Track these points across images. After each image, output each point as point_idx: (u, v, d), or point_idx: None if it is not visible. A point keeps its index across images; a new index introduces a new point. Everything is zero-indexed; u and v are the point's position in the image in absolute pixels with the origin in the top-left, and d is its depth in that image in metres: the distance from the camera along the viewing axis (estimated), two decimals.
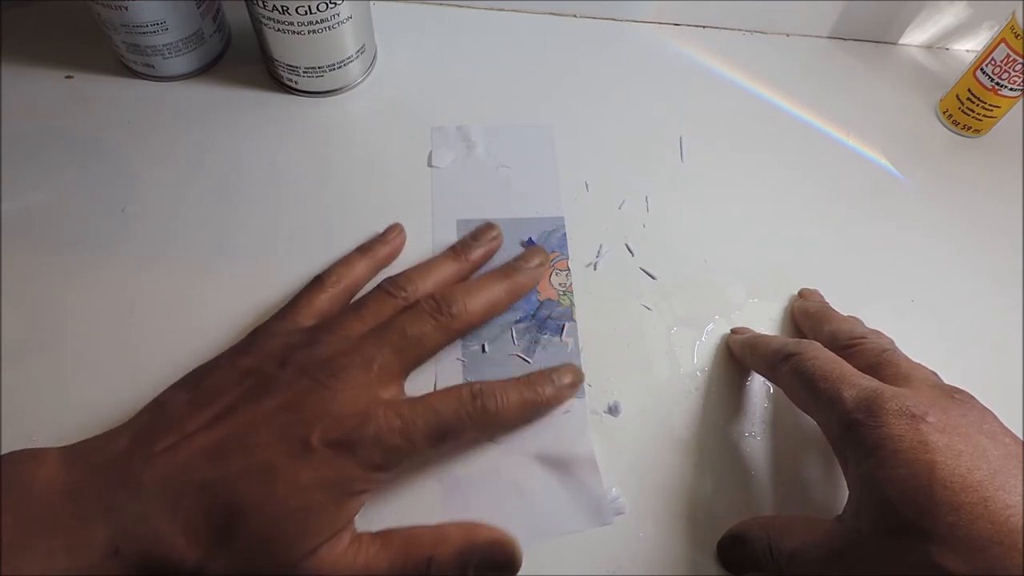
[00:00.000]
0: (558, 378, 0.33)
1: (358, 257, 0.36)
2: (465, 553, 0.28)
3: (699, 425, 0.35)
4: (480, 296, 0.34)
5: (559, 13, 0.50)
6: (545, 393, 0.33)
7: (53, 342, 0.34)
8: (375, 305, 0.33)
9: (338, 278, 0.35)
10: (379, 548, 0.28)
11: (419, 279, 0.34)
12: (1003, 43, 0.43)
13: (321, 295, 0.34)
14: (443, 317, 0.32)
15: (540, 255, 0.37)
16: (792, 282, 0.40)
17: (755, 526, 0.31)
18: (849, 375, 0.29)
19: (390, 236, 0.38)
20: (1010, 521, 0.24)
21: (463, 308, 0.33)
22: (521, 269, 0.36)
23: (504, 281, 0.35)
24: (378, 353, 0.30)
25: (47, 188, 0.38)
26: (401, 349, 0.31)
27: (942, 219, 0.44)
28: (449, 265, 0.36)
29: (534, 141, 0.43)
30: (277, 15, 0.38)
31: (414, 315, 0.32)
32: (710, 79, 0.48)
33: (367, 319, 0.32)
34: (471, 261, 0.37)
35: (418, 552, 0.28)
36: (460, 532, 0.29)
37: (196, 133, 0.41)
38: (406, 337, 0.31)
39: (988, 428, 0.27)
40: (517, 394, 0.32)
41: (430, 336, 0.32)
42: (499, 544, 0.29)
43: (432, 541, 0.28)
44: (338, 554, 0.27)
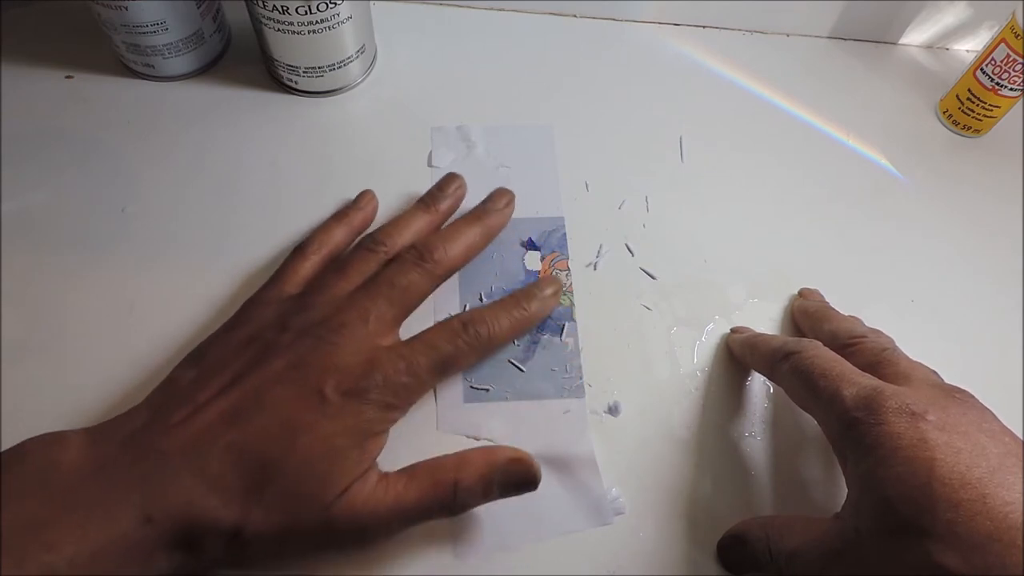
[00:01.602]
0: (540, 291, 0.35)
1: (335, 223, 0.37)
2: (487, 474, 0.29)
3: (699, 425, 0.35)
4: (458, 241, 0.36)
5: (559, 13, 0.50)
6: (531, 308, 0.34)
7: (53, 342, 0.34)
8: (359, 263, 0.34)
9: (319, 245, 0.36)
10: (406, 481, 0.29)
11: (396, 233, 0.36)
12: (1003, 43, 0.43)
13: (304, 263, 0.35)
14: (427, 264, 0.34)
15: (506, 195, 0.39)
16: (792, 282, 0.40)
17: (755, 526, 0.31)
18: (849, 374, 0.29)
19: (363, 202, 0.39)
20: (1009, 518, 0.24)
21: (444, 253, 0.34)
22: (491, 211, 0.38)
23: (477, 224, 0.37)
24: (372, 305, 0.32)
25: (47, 188, 0.38)
26: (392, 299, 0.32)
27: (942, 219, 0.44)
28: (421, 217, 0.37)
29: (534, 141, 0.43)
30: (277, 15, 0.38)
31: (399, 266, 0.33)
32: (710, 79, 0.48)
33: (353, 277, 0.33)
34: (441, 211, 0.38)
35: (444, 479, 0.29)
36: (480, 455, 0.30)
37: (196, 133, 0.41)
38: (395, 287, 0.32)
39: (987, 426, 0.27)
40: (506, 315, 0.33)
41: (417, 283, 0.33)
42: (518, 462, 0.30)
43: (455, 466, 0.29)
44: (368, 492, 0.28)
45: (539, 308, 0.35)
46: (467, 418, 0.34)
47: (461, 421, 0.34)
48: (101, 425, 0.28)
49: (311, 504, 0.27)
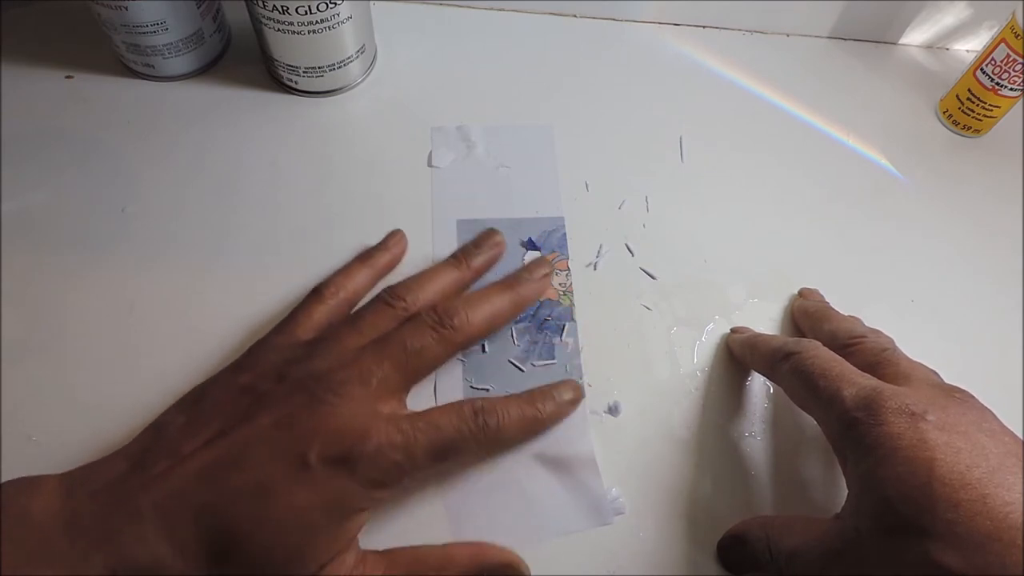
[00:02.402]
0: (558, 395, 0.33)
1: (358, 266, 0.35)
2: None
3: (699, 425, 0.35)
4: (483, 308, 0.33)
5: (559, 13, 0.50)
6: (546, 410, 0.32)
7: (53, 342, 0.34)
8: (374, 317, 0.32)
9: (337, 289, 0.34)
10: (384, 568, 0.27)
11: (419, 289, 0.33)
12: (1003, 43, 0.43)
13: (320, 307, 0.33)
14: (445, 330, 0.31)
15: (545, 267, 0.37)
16: (792, 282, 0.40)
17: (755, 526, 0.31)
18: (849, 374, 0.29)
19: (390, 243, 0.37)
20: (1009, 518, 0.24)
21: (465, 320, 0.32)
22: (525, 281, 0.35)
23: (507, 293, 0.34)
24: (377, 367, 0.29)
25: (47, 188, 0.38)
26: (401, 363, 0.30)
27: (942, 219, 0.44)
28: (450, 273, 0.35)
29: (534, 141, 0.43)
30: (277, 15, 0.38)
31: (414, 327, 0.31)
32: (710, 79, 0.48)
33: (366, 332, 0.31)
34: (473, 269, 0.36)
35: (424, 575, 0.28)
36: (468, 554, 0.28)
37: (196, 133, 0.41)
38: (406, 350, 0.30)
39: (987, 426, 0.27)
40: (519, 411, 0.31)
41: (431, 349, 0.31)
42: (507, 567, 0.29)
43: (438, 563, 0.28)
44: (343, 574, 0.26)
45: (554, 411, 0.33)
46: None
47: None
48: (79, 470, 0.27)
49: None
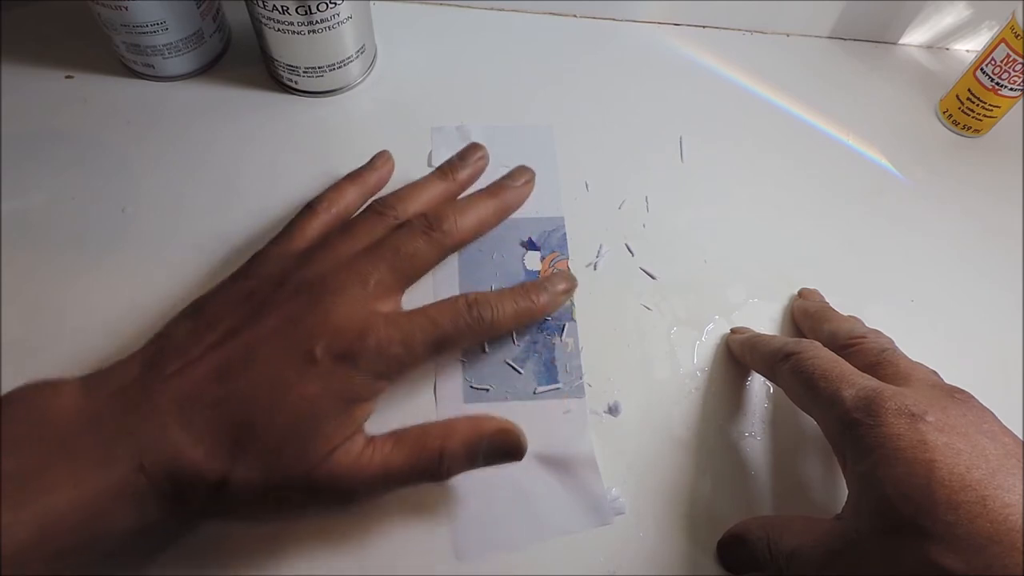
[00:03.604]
0: (551, 285, 0.35)
1: (348, 184, 0.36)
2: (473, 442, 0.29)
3: (699, 425, 0.35)
4: (469, 213, 0.35)
5: (559, 13, 0.50)
6: (540, 300, 0.34)
7: (53, 342, 0.34)
8: (367, 225, 0.33)
9: (329, 204, 0.35)
10: (393, 446, 0.29)
11: (409, 199, 0.35)
12: (1003, 43, 0.43)
13: (314, 221, 0.34)
14: (435, 233, 0.33)
15: (527, 173, 0.39)
16: (792, 282, 0.40)
17: (755, 526, 0.31)
18: (849, 374, 0.29)
19: (378, 163, 0.38)
20: (1009, 520, 0.24)
21: (454, 225, 0.34)
22: (508, 187, 0.38)
23: (492, 199, 0.36)
24: (374, 269, 0.31)
25: (47, 188, 0.38)
26: (396, 265, 0.31)
27: (942, 219, 0.44)
28: (437, 185, 0.37)
29: (534, 141, 0.43)
30: (277, 15, 0.38)
31: (407, 232, 0.33)
32: (710, 79, 0.48)
33: (360, 238, 0.33)
34: (459, 181, 0.37)
35: (430, 445, 0.29)
36: (467, 424, 0.30)
37: (196, 133, 0.41)
38: (399, 253, 0.32)
39: (987, 427, 0.27)
40: (512, 303, 0.33)
41: (423, 252, 0.32)
42: (504, 432, 0.30)
43: (442, 434, 0.29)
44: (354, 455, 0.28)
45: (548, 301, 0.34)
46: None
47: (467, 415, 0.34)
48: (94, 374, 0.28)
49: (294, 464, 0.27)
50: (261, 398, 0.27)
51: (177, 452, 0.26)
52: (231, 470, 0.26)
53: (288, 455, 0.27)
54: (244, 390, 0.27)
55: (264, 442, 0.27)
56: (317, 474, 0.27)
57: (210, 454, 0.26)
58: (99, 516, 0.25)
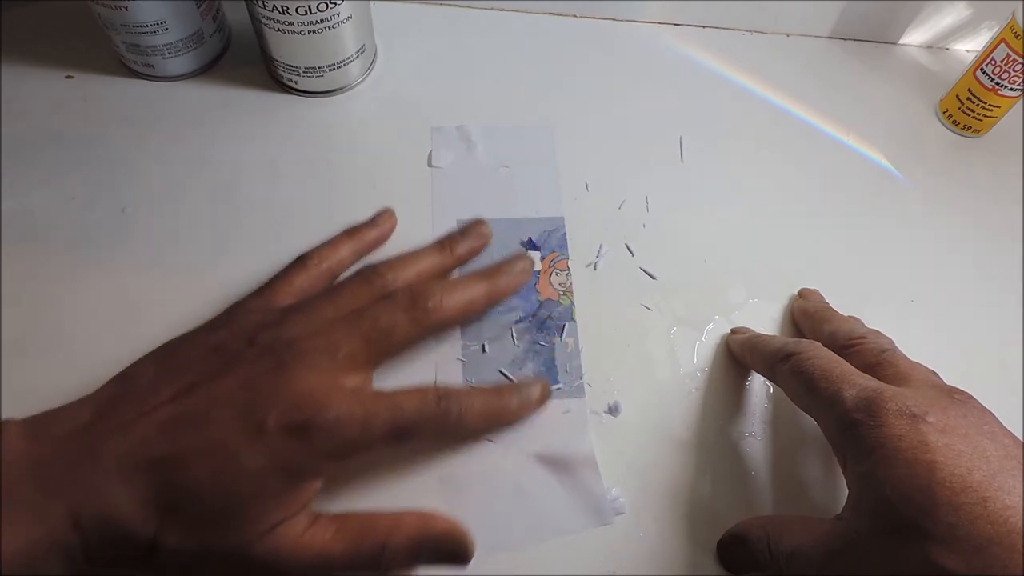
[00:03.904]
0: (526, 392, 0.33)
1: (344, 239, 0.36)
2: (418, 542, 0.28)
3: (699, 425, 0.35)
4: (458, 294, 0.33)
5: (559, 13, 0.50)
6: (511, 405, 0.32)
7: (53, 342, 0.34)
8: (351, 291, 0.32)
9: (320, 259, 0.34)
10: (335, 532, 0.28)
11: (400, 268, 0.34)
12: (1003, 43, 0.43)
13: (301, 275, 0.33)
14: (417, 311, 0.31)
15: (525, 261, 0.37)
16: (792, 282, 0.40)
17: (755, 526, 0.31)
18: (849, 375, 0.29)
19: (379, 220, 0.37)
20: (1009, 521, 0.24)
21: (439, 304, 0.32)
22: (504, 272, 0.35)
23: (484, 282, 0.34)
24: (346, 340, 0.29)
25: (47, 188, 0.38)
26: (370, 338, 0.30)
27: (942, 219, 0.44)
28: (432, 257, 0.35)
29: (534, 141, 0.43)
30: (277, 15, 0.38)
31: (388, 305, 0.31)
32: (710, 79, 0.48)
33: (341, 304, 0.31)
34: (455, 256, 0.36)
35: (373, 539, 0.28)
36: (415, 521, 0.29)
37: (196, 133, 0.41)
38: (377, 327, 0.30)
39: (988, 428, 0.27)
40: (482, 402, 0.31)
41: (402, 328, 0.31)
42: (451, 535, 0.29)
43: (387, 529, 0.28)
44: (294, 536, 0.27)
45: (519, 406, 0.33)
46: None
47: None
48: (44, 415, 0.27)
49: (228, 537, 0.26)
50: (204, 464, 0.26)
51: (112, 512, 0.25)
52: (163, 534, 0.25)
53: (223, 527, 0.26)
54: (189, 453, 0.26)
55: (199, 510, 0.26)
56: (253, 551, 0.26)
57: (145, 516, 0.25)
58: (28, 567, 0.24)
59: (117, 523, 0.25)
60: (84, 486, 0.25)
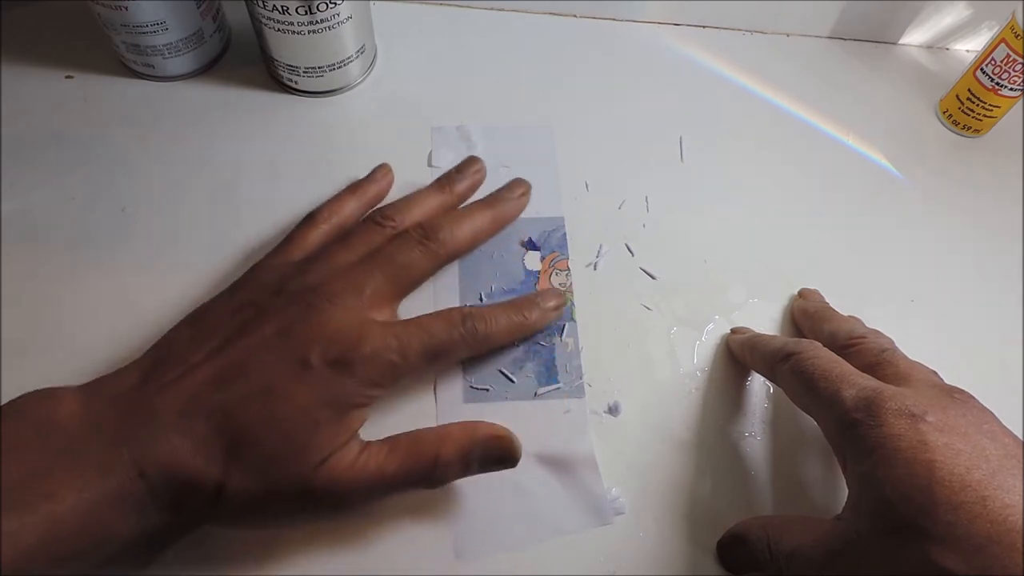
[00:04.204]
0: (543, 301, 0.35)
1: (348, 195, 0.37)
2: (467, 449, 0.29)
3: (699, 425, 0.35)
4: (465, 224, 0.35)
5: (559, 13, 0.50)
6: (531, 316, 0.34)
7: (53, 342, 0.34)
8: (364, 235, 0.34)
9: (329, 214, 0.36)
10: (387, 453, 0.29)
11: (406, 210, 0.35)
12: (1003, 43, 0.43)
13: (313, 231, 0.35)
14: (431, 243, 0.34)
15: (523, 185, 0.39)
16: (792, 282, 0.40)
17: (755, 526, 0.31)
18: (849, 375, 0.29)
19: (378, 176, 0.39)
20: (1009, 521, 0.24)
21: (450, 235, 0.34)
22: (505, 199, 0.38)
23: (489, 210, 0.37)
24: (369, 278, 0.31)
25: (47, 188, 0.38)
26: (391, 275, 0.32)
27: (942, 219, 0.44)
28: (435, 197, 0.37)
29: (534, 141, 0.43)
30: (277, 15, 0.38)
31: (403, 242, 0.33)
32: (710, 79, 0.48)
33: (357, 248, 0.33)
34: (456, 193, 0.38)
35: (424, 451, 0.29)
36: (461, 430, 0.30)
37: (196, 133, 0.41)
38: (395, 263, 0.32)
39: (987, 428, 0.27)
40: (505, 317, 0.33)
41: (419, 262, 0.33)
42: (498, 439, 0.30)
43: (436, 440, 0.30)
44: (349, 462, 0.28)
45: (539, 318, 0.35)
46: (467, 418, 0.34)
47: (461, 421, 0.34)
48: (94, 382, 0.28)
49: (289, 471, 0.27)
50: (256, 406, 0.27)
51: (175, 459, 0.26)
52: (228, 477, 0.26)
53: (283, 462, 0.27)
54: (240, 398, 0.27)
55: (260, 450, 0.27)
56: (312, 481, 0.27)
57: (207, 461, 0.26)
58: (100, 522, 0.25)
59: (181, 470, 0.26)
60: (145, 438, 0.26)
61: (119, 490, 0.25)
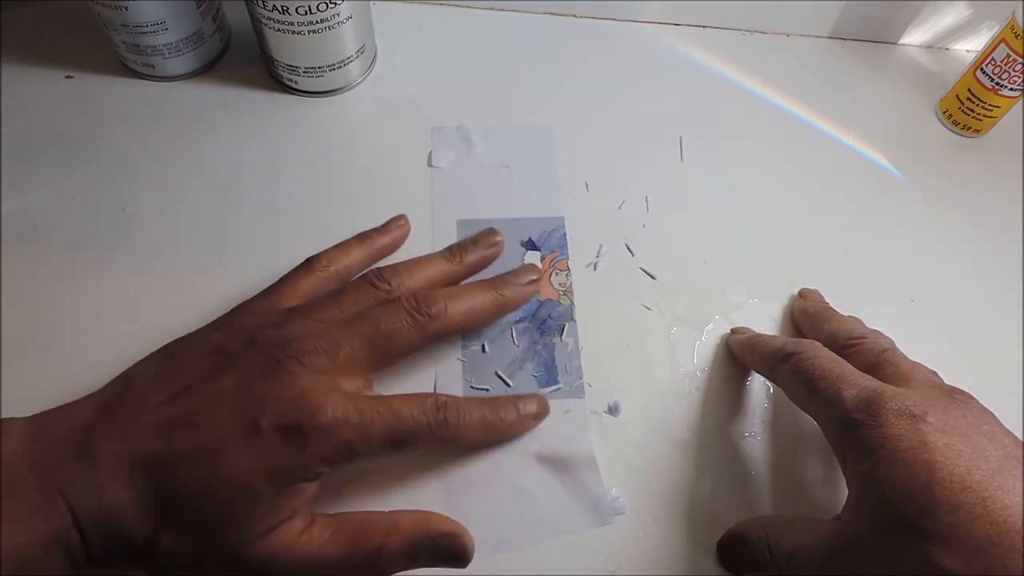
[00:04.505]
0: (523, 406, 0.33)
1: (355, 244, 0.36)
2: (416, 543, 0.28)
3: (699, 425, 0.35)
4: (463, 302, 0.32)
5: (559, 13, 0.50)
6: (507, 418, 0.32)
7: (53, 342, 0.34)
8: (356, 294, 0.32)
9: (328, 262, 0.34)
10: (331, 534, 0.27)
11: (406, 274, 0.33)
12: (1003, 43, 0.43)
13: (308, 278, 0.33)
14: (421, 317, 0.31)
15: (533, 272, 0.36)
16: (792, 282, 0.40)
17: (755, 526, 0.31)
18: (849, 375, 0.29)
19: (392, 227, 0.37)
20: (1008, 521, 0.24)
21: (443, 311, 0.31)
22: (510, 284, 0.35)
23: (490, 292, 0.34)
24: (346, 342, 0.29)
25: (47, 188, 0.38)
26: (372, 341, 0.29)
27: (942, 219, 0.44)
28: (441, 264, 0.35)
29: (534, 141, 0.43)
30: (277, 15, 0.38)
31: (391, 309, 0.31)
32: (710, 79, 0.48)
33: (345, 307, 0.31)
34: (464, 264, 0.36)
35: (369, 541, 0.27)
36: (412, 521, 0.28)
37: (196, 133, 0.41)
38: (379, 330, 0.30)
39: (987, 428, 0.27)
40: (480, 414, 0.31)
41: (404, 333, 0.30)
42: (450, 536, 0.28)
43: (384, 529, 0.28)
44: (289, 540, 0.26)
45: (514, 421, 0.33)
46: None
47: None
48: (46, 413, 0.27)
49: (221, 543, 0.26)
50: (198, 465, 0.26)
51: (110, 511, 0.25)
52: (159, 536, 0.25)
53: (216, 530, 0.26)
54: (183, 454, 0.26)
55: (194, 513, 0.26)
56: (247, 554, 0.26)
57: (141, 517, 0.25)
58: (30, 566, 0.24)
59: (115, 522, 0.25)
60: (83, 485, 0.25)
61: (52, 536, 0.24)
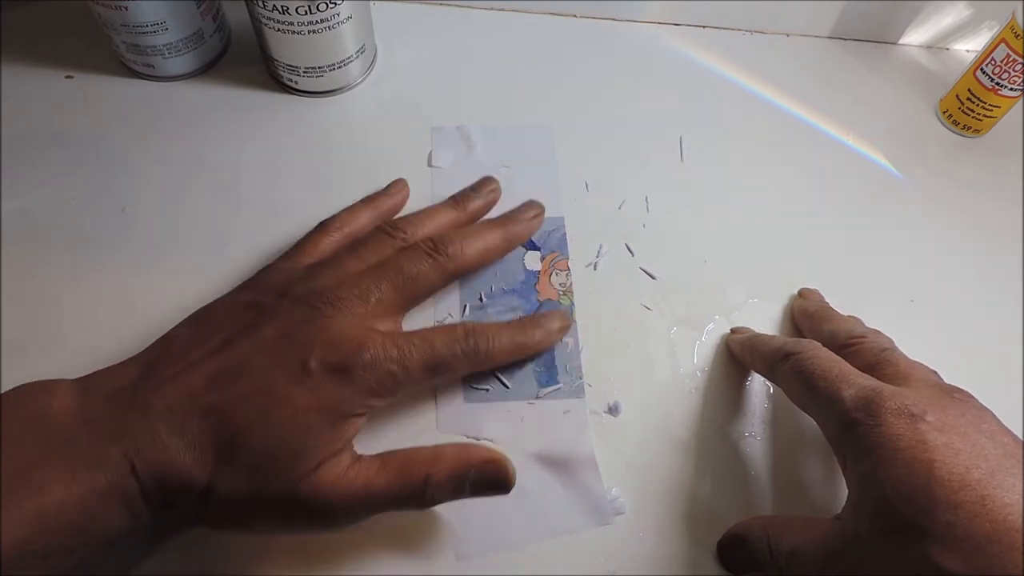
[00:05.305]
0: (547, 323, 0.35)
1: (362, 206, 0.37)
2: (460, 472, 0.29)
3: (699, 425, 0.35)
4: (476, 241, 0.35)
5: (559, 13, 0.50)
6: (535, 337, 0.34)
7: (53, 342, 0.34)
8: (374, 244, 0.34)
9: (341, 224, 0.36)
10: (378, 468, 0.29)
11: (418, 223, 0.35)
12: (1003, 43, 0.43)
13: (324, 239, 0.35)
14: (440, 257, 0.33)
15: (536, 207, 0.39)
16: (792, 282, 0.40)
17: (755, 526, 0.31)
18: (848, 374, 0.29)
19: (393, 190, 0.39)
20: (1008, 520, 0.24)
21: (459, 250, 0.34)
22: (517, 220, 0.38)
23: (500, 229, 0.37)
24: (375, 287, 0.31)
25: (47, 188, 0.38)
26: (398, 285, 0.32)
27: (942, 219, 0.44)
28: (448, 213, 0.37)
29: (534, 141, 0.43)
30: (277, 15, 0.38)
31: (412, 254, 0.33)
32: (710, 79, 0.48)
33: (366, 257, 0.33)
34: (469, 211, 0.38)
35: (415, 471, 0.29)
36: (455, 452, 0.30)
37: (196, 133, 0.41)
38: (403, 274, 0.32)
39: (987, 427, 0.27)
40: (508, 336, 0.33)
41: (426, 274, 0.33)
42: (493, 463, 0.29)
43: (428, 460, 0.29)
44: (338, 473, 0.28)
45: (542, 338, 0.35)
46: (467, 418, 0.34)
47: (461, 421, 0.34)
48: (91, 375, 0.28)
49: (279, 478, 0.27)
50: (251, 408, 0.27)
51: (167, 457, 0.26)
52: (217, 479, 0.26)
53: (273, 467, 0.27)
54: (235, 399, 0.27)
55: (251, 453, 0.27)
56: (301, 488, 0.27)
57: (198, 462, 0.26)
58: (89, 516, 0.25)
59: (172, 469, 0.26)
60: (138, 435, 0.26)
61: (109, 486, 0.25)
